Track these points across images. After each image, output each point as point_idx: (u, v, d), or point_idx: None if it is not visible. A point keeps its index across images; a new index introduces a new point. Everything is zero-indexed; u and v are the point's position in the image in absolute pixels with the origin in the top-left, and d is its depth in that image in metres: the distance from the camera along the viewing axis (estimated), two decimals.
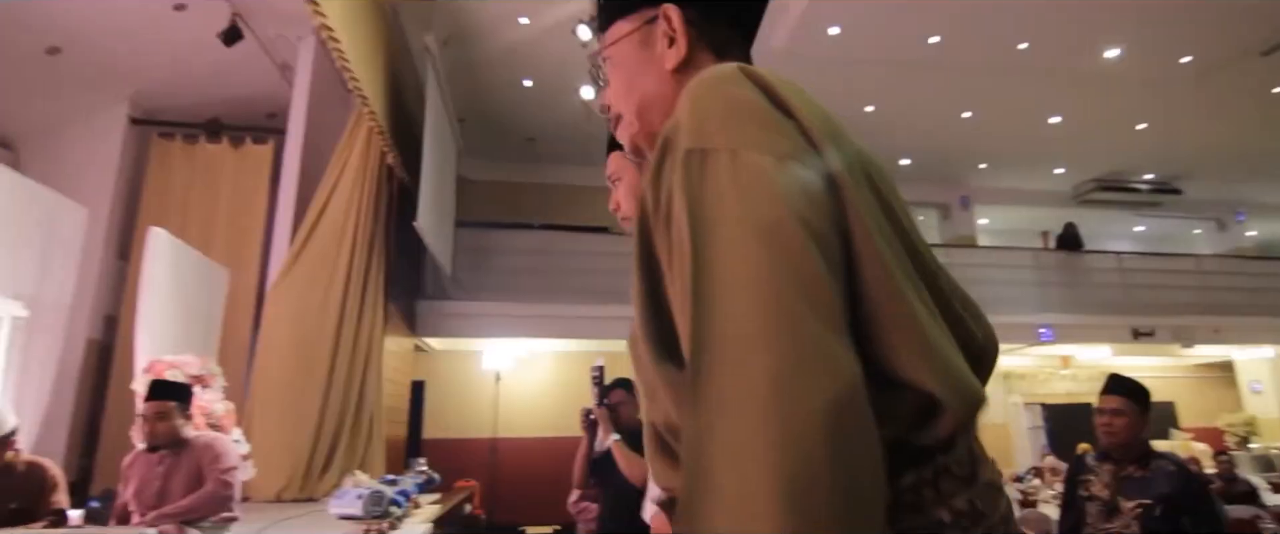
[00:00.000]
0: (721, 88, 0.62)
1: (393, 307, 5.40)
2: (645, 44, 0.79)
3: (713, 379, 0.49)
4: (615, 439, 2.59)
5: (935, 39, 6.72)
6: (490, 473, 7.35)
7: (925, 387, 0.55)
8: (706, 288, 0.52)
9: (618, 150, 1.47)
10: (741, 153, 0.56)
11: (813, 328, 0.49)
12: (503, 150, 9.29)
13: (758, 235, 0.52)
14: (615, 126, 0.85)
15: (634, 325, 0.69)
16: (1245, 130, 8.86)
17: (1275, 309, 9.25)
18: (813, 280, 0.51)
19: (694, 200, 0.56)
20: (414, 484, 3.81)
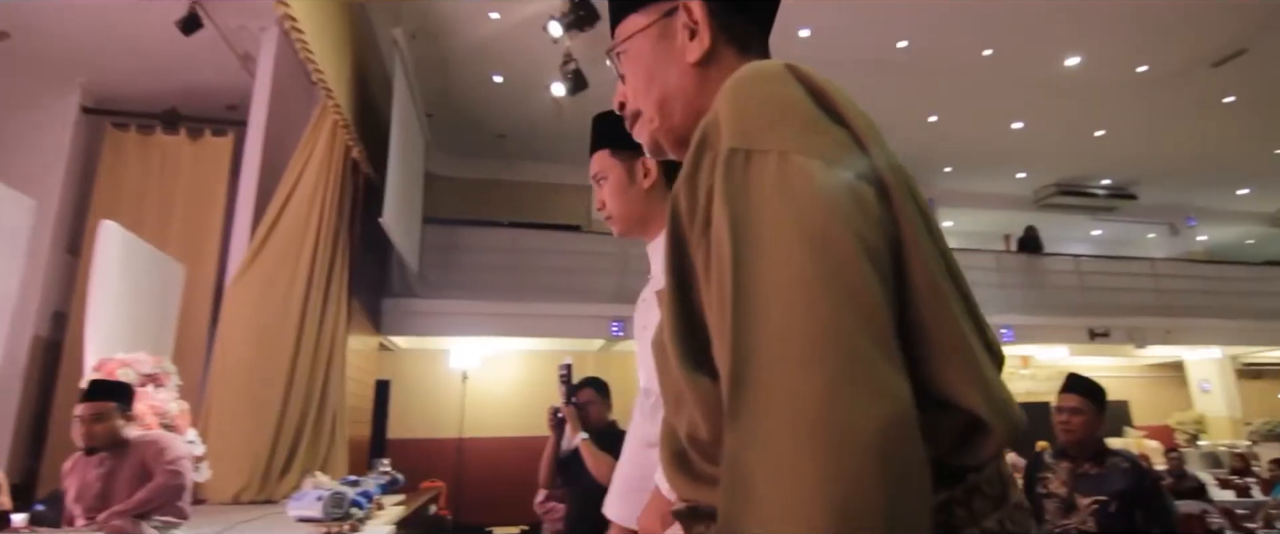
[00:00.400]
0: (767, 86, 0.60)
1: (357, 304, 5.30)
2: (664, 37, 0.77)
3: (756, 397, 0.47)
4: (583, 438, 2.57)
5: (903, 43, 6.82)
6: (456, 473, 7.26)
7: (973, 409, 0.53)
8: (749, 298, 0.50)
9: (602, 150, 1.43)
10: (790, 155, 0.53)
11: (863, 345, 0.47)
12: (472, 146, 9.18)
13: (807, 244, 0.49)
14: (632, 124, 0.82)
15: (660, 330, 0.67)
16: (1196, 138, 9.17)
17: (1223, 311, 9.60)
18: (864, 294, 0.49)
19: (736, 203, 0.53)
20: (377, 485, 3.74)
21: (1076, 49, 7.11)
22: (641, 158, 1.39)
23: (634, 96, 0.80)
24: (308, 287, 4.49)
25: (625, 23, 0.80)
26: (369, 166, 5.39)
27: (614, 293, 7.70)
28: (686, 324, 0.61)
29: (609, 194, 1.41)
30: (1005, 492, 0.58)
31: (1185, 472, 6.05)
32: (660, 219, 1.39)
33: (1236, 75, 7.49)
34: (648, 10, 0.78)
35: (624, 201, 1.40)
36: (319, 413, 4.52)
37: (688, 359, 0.60)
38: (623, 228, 1.42)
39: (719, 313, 0.52)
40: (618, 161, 1.41)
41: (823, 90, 0.60)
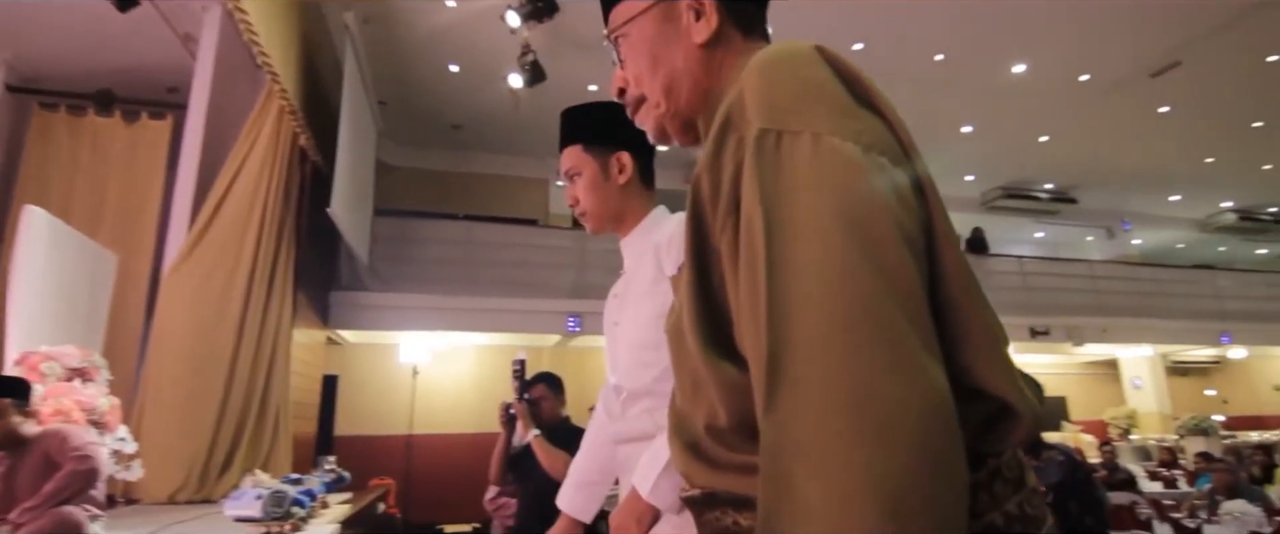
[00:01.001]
0: (798, 67, 0.58)
1: (303, 297, 5.14)
2: (667, 19, 0.74)
3: (796, 385, 0.46)
4: (535, 435, 2.56)
5: (859, 46, 6.93)
6: (406, 470, 7.12)
7: (1005, 396, 0.53)
8: (784, 283, 0.48)
9: (573, 145, 1.39)
10: (824, 137, 0.52)
11: (903, 332, 0.46)
12: (426, 137, 9.00)
13: (845, 228, 0.48)
14: (634, 111, 0.80)
15: (675, 317, 0.66)
16: (1133, 146, 9.57)
17: (1155, 311, 10.05)
18: (903, 281, 0.48)
19: (768, 185, 0.52)
20: (321, 483, 3.63)
21: (1023, 57, 7.34)
22: (616, 153, 1.37)
23: (637, 82, 0.77)
24: (250, 278, 4.33)
25: (622, 6, 0.78)
26: (317, 155, 5.23)
27: (571, 288, 7.64)
28: (706, 309, 0.60)
29: (583, 190, 1.38)
30: (1022, 475, 0.58)
31: (1117, 464, 6.32)
32: (635, 215, 1.38)
33: (1172, 87, 7.84)
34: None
35: (599, 198, 1.37)
36: (261, 409, 4.36)
37: (708, 345, 0.59)
38: (597, 225, 1.39)
39: (750, 297, 0.51)
40: (591, 157, 1.38)
41: (855, 75, 0.59)
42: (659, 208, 1.40)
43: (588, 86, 7.63)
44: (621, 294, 1.36)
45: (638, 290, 1.28)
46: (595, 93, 7.77)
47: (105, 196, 4.93)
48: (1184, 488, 5.96)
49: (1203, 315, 10.32)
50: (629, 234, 1.39)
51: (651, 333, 1.19)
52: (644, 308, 1.23)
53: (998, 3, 6.28)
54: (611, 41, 0.79)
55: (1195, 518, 3.74)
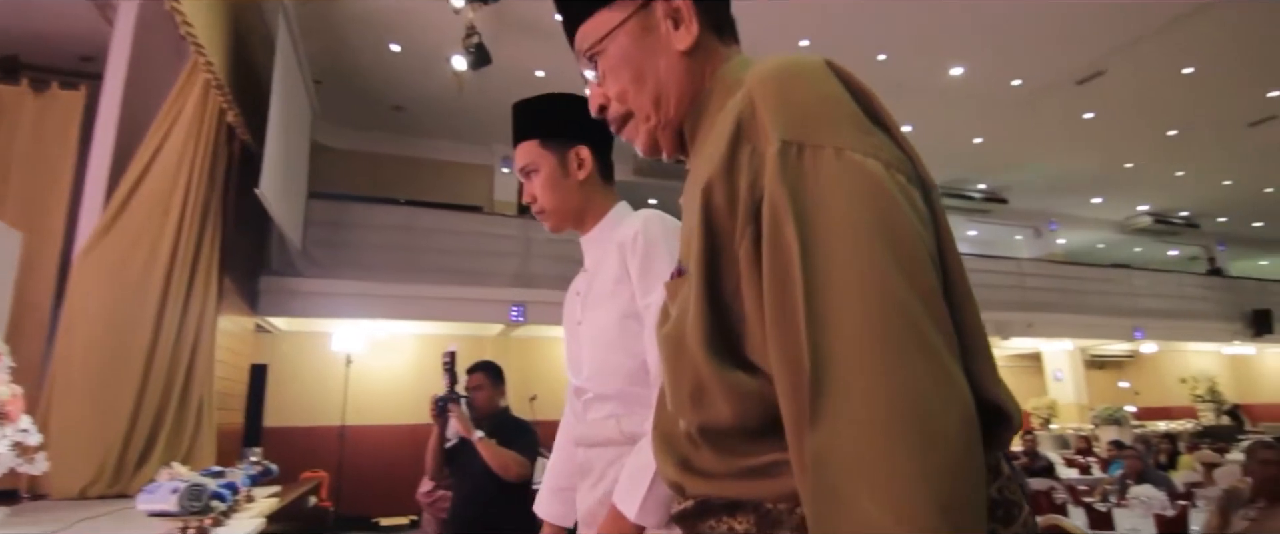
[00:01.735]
0: (813, 81, 0.59)
1: (230, 282, 4.90)
2: (645, 30, 0.74)
3: (845, 397, 0.47)
4: (480, 436, 2.53)
5: (804, 42, 7.03)
6: (339, 463, 6.91)
7: (1000, 401, 0.55)
8: (824, 297, 0.49)
9: (530, 140, 1.33)
10: (846, 152, 0.54)
11: (938, 344, 0.48)
12: (366, 118, 8.71)
13: (881, 244, 0.50)
14: (621, 126, 0.78)
15: (674, 326, 0.66)
16: (1060, 149, 10.02)
17: (1076, 308, 10.59)
18: (933, 295, 0.50)
19: (798, 197, 0.53)
20: (246, 476, 3.47)
21: (961, 60, 7.58)
22: (574, 147, 1.32)
23: (621, 98, 0.76)
24: (171, 261, 4.10)
25: (594, 21, 0.76)
26: (247, 133, 4.98)
27: (515, 277, 7.54)
28: (715, 318, 0.60)
29: (541, 188, 1.32)
30: (999, 463, 0.59)
31: (1037, 452, 6.63)
32: (597, 211, 1.34)
33: (1096, 94, 8.24)
34: (620, 4, 0.75)
35: (558, 195, 1.32)
36: (182, 400, 4.14)
37: (716, 352, 0.60)
38: (556, 222, 1.34)
39: (780, 308, 0.52)
40: (548, 152, 1.32)
41: (866, 92, 0.60)
42: (620, 204, 1.36)
43: (535, 72, 7.51)
44: (583, 292, 1.31)
45: (600, 290, 1.24)
46: (543, 79, 7.65)
47: (8, 171, 4.58)
48: (1097, 474, 6.30)
49: (1118, 312, 10.92)
50: (590, 231, 1.34)
51: (616, 334, 1.16)
52: (607, 308, 1.20)
53: (938, 6, 6.46)
54: (588, 59, 0.78)
55: (1106, 502, 3.96)
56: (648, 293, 1.12)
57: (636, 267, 1.14)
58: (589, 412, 1.26)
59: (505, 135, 7.73)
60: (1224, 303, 11.98)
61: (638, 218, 1.21)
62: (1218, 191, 11.75)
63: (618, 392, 1.18)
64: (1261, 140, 9.59)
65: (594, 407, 1.24)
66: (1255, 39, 7.15)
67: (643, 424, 1.11)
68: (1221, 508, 3.11)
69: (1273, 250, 15.06)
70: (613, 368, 1.18)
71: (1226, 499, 3.13)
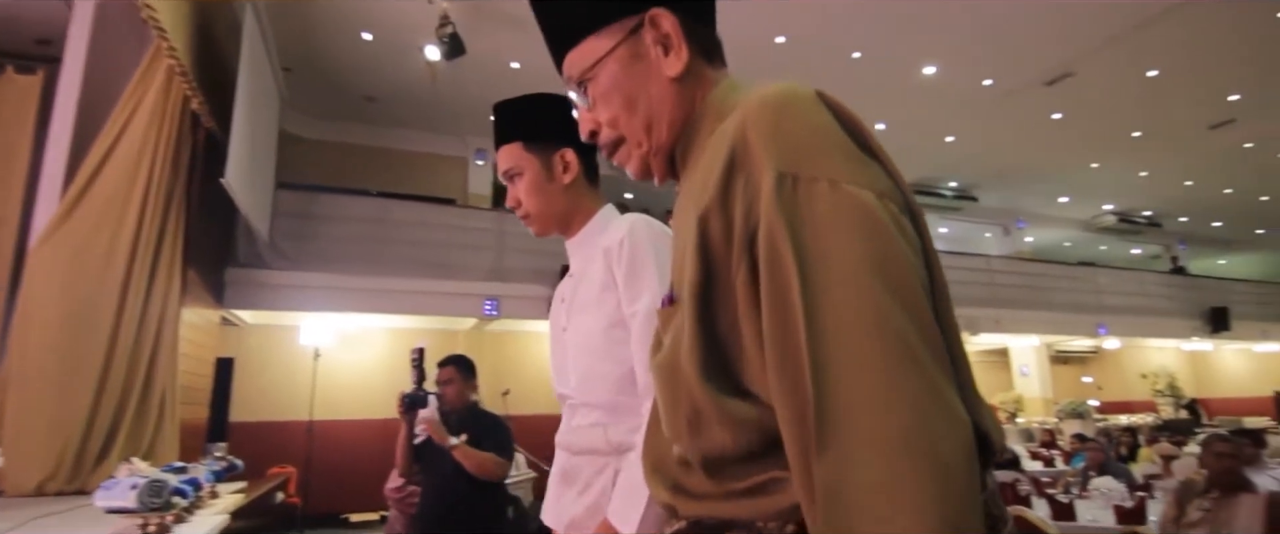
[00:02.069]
0: (805, 112, 0.60)
1: (194, 274, 4.79)
2: (635, 57, 0.74)
3: (853, 428, 0.48)
4: (455, 444, 2.52)
5: (781, 39, 7.06)
6: (307, 458, 6.80)
7: (984, 427, 0.57)
8: (824, 328, 0.51)
9: (512, 143, 1.29)
10: (841, 185, 0.55)
11: (935, 371, 0.50)
12: (337, 108, 8.56)
13: (878, 276, 0.51)
14: (613, 152, 0.79)
15: (669, 353, 0.66)
16: (1029, 149, 10.20)
17: (1043, 304, 10.80)
18: (928, 323, 0.52)
19: (796, 231, 0.54)
20: (209, 472, 3.40)
21: (934, 59, 7.67)
22: (559, 150, 1.28)
23: (613, 123, 0.76)
24: (132, 251, 3.99)
25: (583, 47, 0.76)
26: (212, 121, 4.86)
27: (489, 270, 7.48)
28: (710, 345, 0.61)
29: (526, 192, 1.29)
30: (984, 479, 0.61)
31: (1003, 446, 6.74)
32: (583, 215, 1.31)
33: (1064, 95, 8.40)
34: (609, 31, 0.74)
35: (544, 199, 1.29)
36: (144, 394, 4.04)
37: (712, 380, 0.61)
38: (542, 227, 1.31)
39: (781, 339, 0.53)
40: (533, 155, 1.29)
41: (856, 122, 0.61)
42: (607, 207, 1.33)
43: (510, 64, 7.45)
44: (569, 299, 1.28)
45: (586, 297, 1.21)
46: (518, 71, 7.59)
47: None
48: (1061, 466, 6.44)
49: (1083, 309, 11.17)
50: (576, 235, 1.31)
51: (602, 342, 1.15)
52: (593, 316, 1.18)
53: (912, 6, 6.52)
54: (577, 87, 0.78)
55: (1068, 494, 4.05)
56: (634, 301, 1.10)
57: (622, 274, 1.12)
58: (574, 417, 1.23)
59: (479, 127, 7.73)
60: (1184, 300, 12.32)
61: (623, 223, 1.18)
62: (1179, 192, 12.07)
63: (604, 401, 1.16)
64: (1221, 143, 9.86)
65: (579, 413, 1.22)
66: (1216, 44, 7.34)
67: (629, 434, 1.10)
68: (1177, 499, 3.19)
69: (1231, 250, 15.53)
70: (599, 376, 1.16)
71: (1182, 490, 3.22)
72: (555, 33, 0.79)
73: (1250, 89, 8.34)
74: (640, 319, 1.08)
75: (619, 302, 1.14)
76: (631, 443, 1.09)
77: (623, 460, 1.10)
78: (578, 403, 1.22)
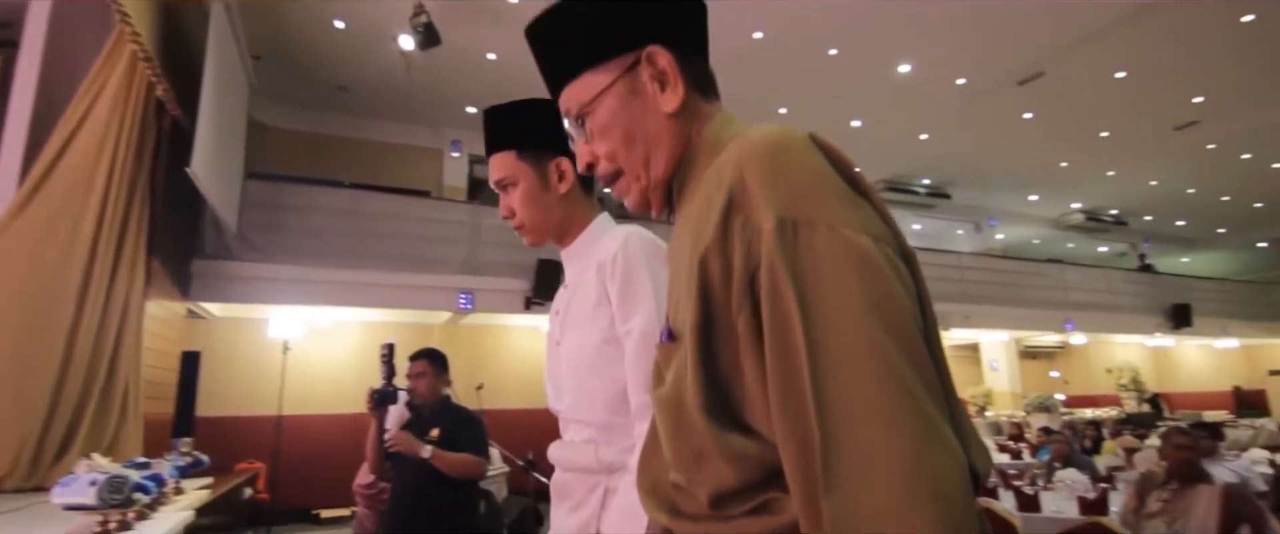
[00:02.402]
0: (800, 156, 0.62)
1: (158, 265, 4.68)
2: (633, 92, 0.76)
3: (859, 466, 0.51)
4: (430, 452, 2.50)
5: (758, 35, 7.07)
6: (275, 453, 6.69)
7: (973, 462, 0.58)
8: (828, 370, 0.53)
9: (506, 152, 1.25)
10: (838, 229, 0.57)
11: (931, 408, 0.53)
12: (309, 97, 8.41)
13: (877, 320, 0.54)
14: (610, 183, 0.81)
15: (672, 389, 0.68)
16: (1000, 148, 10.36)
17: (1012, 301, 10.99)
18: (925, 362, 0.55)
19: (798, 275, 0.56)
20: (173, 467, 3.33)
21: (909, 57, 7.74)
22: (555, 159, 1.25)
23: (611, 157, 0.78)
24: (94, 242, 3.88)
25: (581, 82, 0.78)
26: (178, 108, 4.75)
27: (463, 264, 7.41)
28: (711, 383, 0.63)
29: (520, 202, 1.25)
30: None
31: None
32: (579, 225, 1.28)
33: (1036, 95, 8.54)
34: (607, 67, 0.76)
35: (539, 210, 1.26)
36: (106, 388, 3.94)
37: (714, 417, 0.63)
38: (537, 238, 1.28)
39: (784, 381, 0.56)
40: (527, 164, 1.25)
41: (847, 164, 0.64)
42: (602, 216, 1.30)
43: (486, 55, 7.37)
44: (563, 312, 1.26)
45: (579, 311, 1.19)
46: (495, 62, 7.51)
47: None
48: (1027, 459, 6.57)
49: (1051, 305, 11.40)
50: (571, 244, 1.28)
51: (596, 359, 1.13)
52: (587, 332, 1.16)
53: (888, 4, 6.58)
54: (575, 120, 0.79)
55: (1034, 485, 4.13)
56: (628, 318, 1.09)
57: (616, 291, 1.11)
58: (567, 432, 1.22)
59: (455, 119, 7.64)
60: (1147, 297, 12.63)
61: (617, 236, 1.16)
62: (1145, 191, 12.35)
63: (596, 419, 1.15)
64: (1186, 143, 10.10)
65: (572, 429, 1.21)
66: (1182, 47, 7.51)
67: (620, 454, 1.09)
68: (1138, 490, 3.27)
69: (1194, 248, 15.95)
70: (591, 394, 1.15)
71: (1143, 482, 3.30)
72: (553, 66, 0.81)
73: (1214, 91, 8.55)
74: (634, 338, 1.07)
75: (612, 318, 1.12)
76: (622, 463, 1.08)
77: (613, 479, 1.10)
78: (570, 419, 1.21)
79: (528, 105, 1.27)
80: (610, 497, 1.10)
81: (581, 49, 0.77)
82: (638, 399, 1.05)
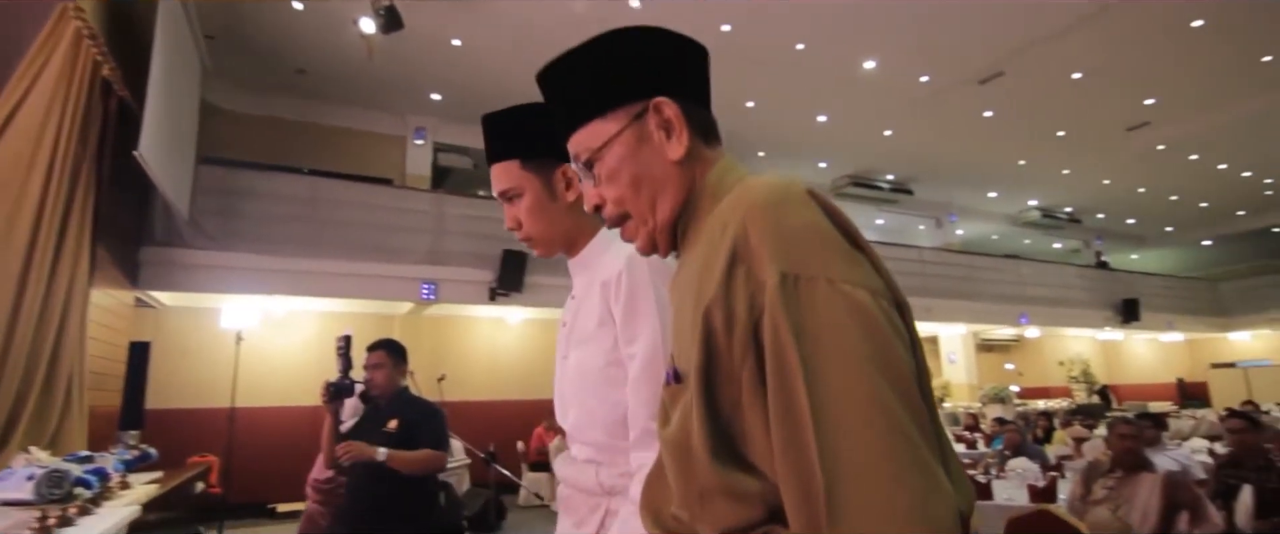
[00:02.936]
0: (800, 212, 0.66)
1: (105, 252, 4.51)
2: (640, 140, 0.79)
3: (858, 506, 0.55)
4: (385, 454, 2.45)
5: (727, 27, 7.08)
6: (230, 446, 6.53)
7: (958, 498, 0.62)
8: (831, 420, 0.57)
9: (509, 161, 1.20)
10: (837, 284, 0.61)
11: (926, 453, 0.57)
12: (266, 80, 8.17)
13: (876, 370, 0.58)
14: (617, 224, 0.84)
15: (678, 431, 0.72)
16: (961, 145, 10.57)
17: (970, 295, 11.25)
18: (919, 410, 0.59)
19: (800, 328, 0.60)
20: (118, 461, 3.23)
21: (874, 54, 7.83)
22: (560, 166, 1.20)
23: (619, 201, 0.81)
24: (35, 227, 3.72)
25: (590, 129, 0.81)
26: (125, 89, 4.57)
27: (426, 254, 7.30)
28: (715, 427, 0.67)
29: (527, 214, 1.20)
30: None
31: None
32: (587, 233, 1.24)
33: (996, 94, 8.72)
34: (615, 115, 0.80)
35: (547, 221, 1.21)
36: (48, 380, 3.79)
37: (719, 458, 0.66)
38: (547, 249, 1.24)
39: (788, 428, 0.59)
40: (532, 174, 1.20)
41: (843, 218, 0.68)
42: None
43: (451, 40, 7.25)
44: (569, 325, 1.22)
45: (583, 330, 1.17)
46: (460, 48, 7.39)
47: None
48: (982, 449, 6.75)
49: (1007, 299, 11.70)
50: (578, 254, 1.24)
51: (598, 381, 1.12)
52: (590, 352, 1.14)
53: (855, 0, 6.64)
54: (583, 165, 0.83)
55: (987, 474, 4.24)
56: (631, 342, 1.07)
57: (619, 312, 1.08)
58: (573, 448, 1.21)
59: (419, 105, 7.51)
60: (1098, 292, 13.04)
61: (622, 253, 1.12)
62: (1098, 190, 12.73)
63: (598, 441, 1.14)
64: (1138, 144, 10.43)
65: (576, 447, 1.20)
66: (1136, 49, 7.74)
67: (620, 479, 1.09)
68: (1084, 478, 3.38)
69: (1143, 245, 16.51)
70: (594, 418, 1.13)
71: (1089, 470, 3.41)
72: (563, 112, 0.85)
73: (1165, 94, 8.84)
74: (637, 364, 1.05)
75: (615, 340, 1.10)
76: (622, 487, 1.08)
77: (613, 501, 1.10)
78: (574, 438, 1.19)
79: (528, 111, 1.22)
80: (610, 518, 1.10)
81: (591, 97, 0.81)
82: (638, 427, 1.04)
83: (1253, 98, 8.91)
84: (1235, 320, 14.78)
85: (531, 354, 9.03)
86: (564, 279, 7.08)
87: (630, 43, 0.80)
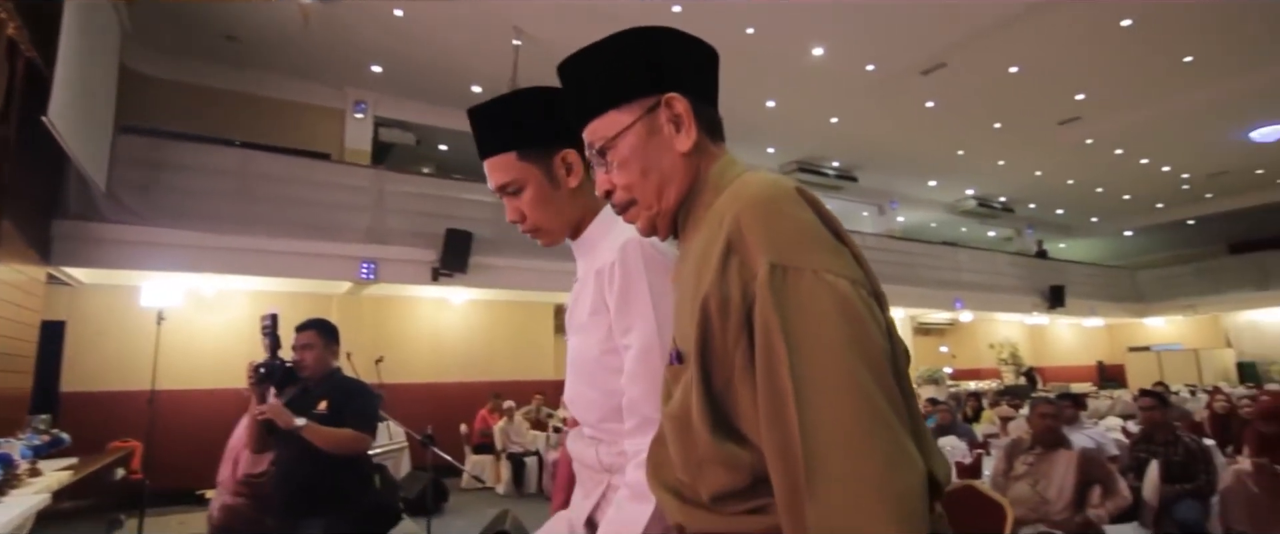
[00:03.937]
0: (790, 208, 0.73)
1: (10, 225, 4.21)
2: (651, 131, 0.86)
3: (833, 477, 0.62)
4: (303, 423, 2.36)
5: (677, 8, 7.03)
6: (152, 431, 6.24)
7: (934, 472, 0.68)
8: (810, 397, 0.64)
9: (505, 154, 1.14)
10: (822, 275, 0.68)
11: (898, 429, 0.64)
12: (192, 45, 7.74)
13: (855, 354, 0.64)
14: (624, 210, 0.90)
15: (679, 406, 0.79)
16: (903, 134, 10.82)
17: (910, 280, 11.59)
18: (892, 390, 0.66)
19: (786, 314, 0.67)
20: (26, 447, 3.05)
21: (821, 40, 7.91)
22: (560, 152, 1.16)
23: (628, 188, 0.88)
24: None
25: (606, 119, 0.87)
26: (33, 50, 4.25)
27: (366, 231, 7.09)
28: (710, 403, 0.75)
29: (531, 206, 1.16)
30: (934, 507, 0.73)
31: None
32: (591, 215, 1.20)
33: (937, 85, 8.94)
34: (630, 107, 0.86)
35: (554, 211, 1.17)
36: None
37: (715, 431, 0.74)
38: (554, 239, 1.20)
39: (774, 405, 0.67)
40: (531, 164, 1.15)
41: (829, 215, 0.75)
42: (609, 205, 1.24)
43: (393, 11, 7.00)
44: (572, 308, 1.21)
45: (579, 316, 1.15)
46: (402, 19, 7.14)
47: None
48: None
49: (943, 284, 12.10)
50: (581, 236, 1.21)
51: (594, 368, 1.11)
52: (586, 339, 1.12)
53: None
54: (597, 152, 0.89)
55: None
56: (626, 332, 1.05)
57: (614, 301, 1.06)
58: (579, 424, 1.21)
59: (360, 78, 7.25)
60: (1028, 279, 13.62)
61: (617, 239, 1.10)
62: (1030, 180, 13.24)
63: (593, 424, 1.14)
64: (1068, 137, 10.87)
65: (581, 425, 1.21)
66: (1068, 47, 8.03)
67: (617, 458, 1.09)
68: (1007, 455, 3.53)
69: (1071, 235, 17.29)
70: (589, 402, 1.13)
71: (1011, 447, 3.56)
72: (581, 102, 0.90)
73: (1094, 90, 9.22)
74: (632, 354, 1.04)
75: (610, 328, 1.09)
76: (619, 466, 1.09)
77: (613, 477, 1.11)
78: (576, 417, 1.20)
79: (517, 99, 1.17)
80: (610, 492, 1.12)
81: (609, 91, 0.87)
82: (636, 417, 1.03)
83: (1174, 97, 9.38)
84: (1151, 307, 15.67)
85: (476, 336, 8.89)
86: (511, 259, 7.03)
87: (648, 41, 0.87)
